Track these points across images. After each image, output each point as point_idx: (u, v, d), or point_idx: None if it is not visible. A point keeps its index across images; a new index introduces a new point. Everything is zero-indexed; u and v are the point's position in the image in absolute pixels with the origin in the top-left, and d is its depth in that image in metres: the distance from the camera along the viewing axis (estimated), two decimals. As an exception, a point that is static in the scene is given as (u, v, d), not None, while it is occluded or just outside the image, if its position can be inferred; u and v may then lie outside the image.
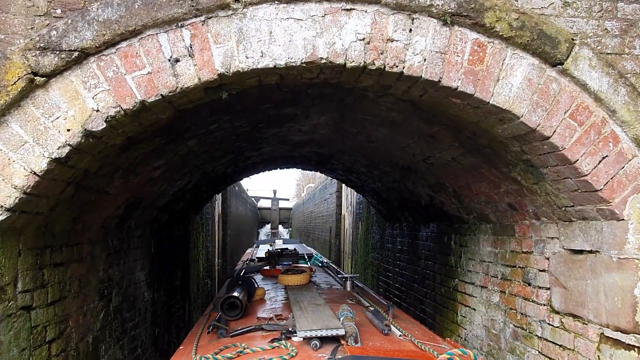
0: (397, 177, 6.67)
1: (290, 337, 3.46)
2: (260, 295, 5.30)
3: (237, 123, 4.70)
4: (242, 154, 6.70)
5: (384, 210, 9.30)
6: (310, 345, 3.25)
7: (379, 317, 4.13)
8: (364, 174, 7.89)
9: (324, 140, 6.29)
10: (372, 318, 4.15)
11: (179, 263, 8.26)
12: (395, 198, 7.78)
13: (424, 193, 6.36)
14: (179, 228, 8.19)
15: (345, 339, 3.33)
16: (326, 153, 7.26)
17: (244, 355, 3.17)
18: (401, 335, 3.75)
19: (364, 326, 3.86)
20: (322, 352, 3.15)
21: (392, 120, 4.53)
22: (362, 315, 4.26)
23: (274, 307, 4.81)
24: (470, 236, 5.55)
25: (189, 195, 7.23)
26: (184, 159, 5.05)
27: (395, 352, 3.28)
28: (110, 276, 4.78)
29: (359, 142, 5.90)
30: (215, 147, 5.39)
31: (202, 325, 4.20)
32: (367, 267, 11.89)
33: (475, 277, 5.38)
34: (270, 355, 3.09)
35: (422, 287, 7.33)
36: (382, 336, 3.67)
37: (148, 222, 6.11)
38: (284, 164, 8.71)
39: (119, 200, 4.53)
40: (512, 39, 3.10)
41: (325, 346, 3.24)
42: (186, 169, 5.61)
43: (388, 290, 9.61)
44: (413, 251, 7.89)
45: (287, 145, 6.74)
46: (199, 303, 10.54)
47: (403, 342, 3.56)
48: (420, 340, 3.54)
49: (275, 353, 3.13)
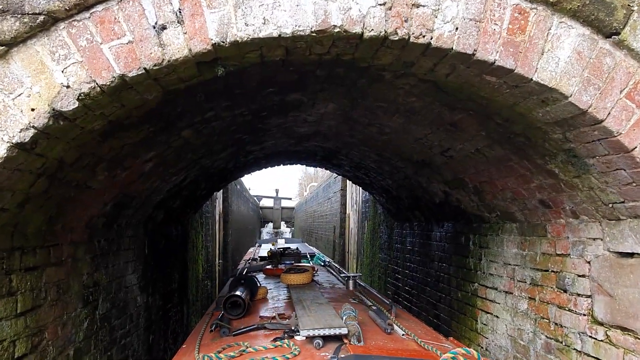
0: (410, 172, 6.20)
1: (293, 336, 3.43)
2: (263, 294, 5.25)
3: (236, 111, 4.23)
4: (243, 148, 6.24)
5: (393, 209, 8.83)
6: (313, 344, 3.22)
7: (382, 316, 4.06)
8: (373, 170, 7.42)
9: (331, 132, 5.82)
10: (374, 317, 4.08)
11: (176, 264, 7.81)
12: (406, 196, 7.31)
13: (439, 190, 5.89)
14: (177, 227, 7.73)
15: (348, 338, 3.31)
16: (333, 147, 6.79)
17: (247, 354, 3.14)
18: (404, 334, 3.70)
19: (367, 325, 3.83)
20: (325, 351, 3.12)
21: (409, 108, 4.06)
22: (365, 314, 4.22)
23: (276, 306, 4.78)
24: (492, 237, 5.08)
25: (186, 193, 6.78)
26: (178, 151, 4.59)
27: (398, 351, 3.24)
28: (96, 280, 4.33)
29: (369, 135, 5.43)
30: (213, 139, 4.93)
31: (205, 323, 4.16)
32: (373, 268, 11.41)
33: (498, 281, 4.90)
34: (273, 354, 3.07)
35: (436, 291, 6.86)
36: (384, 335, 3.63)
37: (141, 221, 5.66)
38: (288, 159, 8.24)
39: (105, 197, 4.07)
40: (559, 4, 2.62)
41: (328, 345, 3.21)
42: (182, 164, 5.15)
43: (397, 292, 9.13)
44: (425, 252, 7.42)
45: (291, 139, 6.27)
46: (198, 306, 10.09)
47: (406, 341, 3.50)
48: (423, 339, 3.48)
49: (278, 352, 3.11)
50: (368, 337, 3.46)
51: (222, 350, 3.22)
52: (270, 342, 3.32)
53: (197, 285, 10.01)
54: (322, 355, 3.07)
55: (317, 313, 3.85)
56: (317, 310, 3.97)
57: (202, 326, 4.10)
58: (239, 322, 4.10)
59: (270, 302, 5.02)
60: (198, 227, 9.88)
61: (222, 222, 15.08)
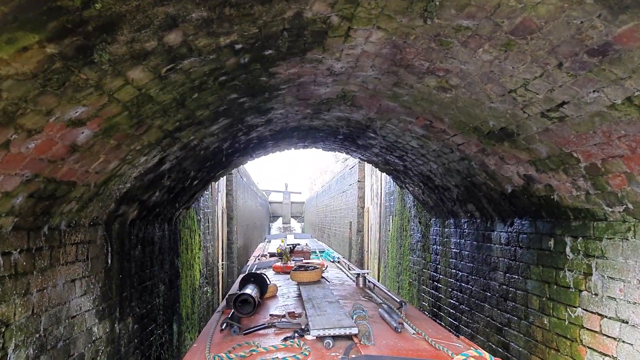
0: (472, 151, 4.49)
1: (303, 335, 3.43)
2: (273, 292, 5.24)
3: (223, 39, 2.55)
4: (242, 120, 4.57)
5: (431, 201, 7.12)
6: (323, 343, 3.22)
7: (392, 315, 4.00)
8: (412, 152, 5.71)
9: (363, 94, 4.13)
10: (385, 315, 4.02)
11: (161, 274, 6.17)
12: (457, 184, 5.59)
13: (515, 174, 4.18)
14: (161, 227, 6.10)
15: (358, 337, 3.29)
16: (362, 120, 5.09)
17: (257, 354, 3.13)
18: (414, 333, 3.63)
19: (377, 324, 3.83)
20: (335, 351, 3.12)
21: (519, 25, 2.36)
22: (375, 313, 4.20)
23: (286, 304, 4.77)
24: (612, 241, 3.38)
25: (168, 182, 5.12)
26: (133, 111, 2.92)
27: (409, 351, 3.18)
28: (4, 319, 2.69)
29: (423, 93, 3.73)
30: (191, 96, 3.26)
31: (216, 322, 4.16)
32: (401, 272, 9.70)
33: (627, 310, 3.20)
34: (283, 353, 3.07)
35: (501, 311, 5.16)
36: (395, 334, 3.59)
37: (100, 220, 4.02)
38: (301, 140, 6.54)
39: (3, 183, 2.42)
40: None
41: (338, 344, 3.22)
42: (148, 135, 3.49)
43: (437, 305, 7.44)
44: (482, 258, 5.71)
45: (307, 107, 4.59)
46: (194, 319, 8.46)
47: (416, 341, 3.44)
48: (434, 338, 3.41)
49: (289, 351, 3.11)
50: (378, 336, 3.43)
51: (232, 350, 3.24)
52: (280, 342, 3.32)
53: (194, 294, 8.38)
54: (332, 356, 3.06)
55: (327, 312, 3.86)
56: (327, 308, 3.98)
57: (212, 324, 4.11)
58: (249, 320, 4.12)
59: (280, 300, 5.04)
60: (193, 225, 8.25)
61: (225, 218, 13.45)
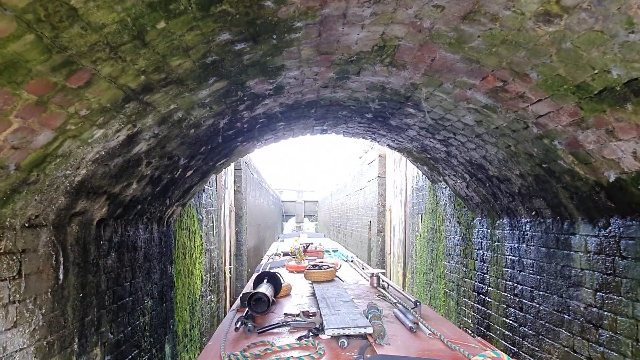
0: (560, 124, 3.23)
1: (317, 334, 3.40)
2: (287, 291, 5.25)
3: None
4: (243, 84, 3.36)
5: (477, 197, 5.85)
6: (338, 343, 3.20)
7: (407, 315, 3.94)
8: (462, 132, 4.45)
9: (411, 43, 2.90)
10: (399, 315, 4.00)
11: (148, 286, 5.01)
12: (523, 173, 4.33)
13: (629, 153, 2.93)
14: (148, 228, 4.93)
15: (373, 337, 3.26)
16: (401, 88, 3.86)
17: (272, 352, 3.12)
18: (430, 333, 3.53)
19: (392, 323, 3.80)
20: (350, 351, 3.11)
21: None
22: (389, 312, 4.20)
23: (300, 303, 4.73)
24: None
25: (150, 171, 3.95)
26: (35, 27, 1.74)
27: (425, 351, 3.13)
28: None
29: (510, 26, 2.50)
30: (149, 17, 2.07)
31: (230, 320, 4.17)
32: (433, 280, 8.43)
33: None
34: (298, 352, 3.07)
35: (590, 342, 3.89)
36: (410, 334, 3.53)
37: (44, 220, 2.85)
38: (319, 121, 5.31)
39: None
40: None
41: (353, 344, 3.21)
42: (98, 94, 2.30)
43: (484, 324, 6.17)
44: (555, 269, 4.44)
45: (330, 68, 3.37)
46: (194, 335, 7.28)
47: (432, 341, 3.36)
48: (450, 339, 3.32)
49: (303, 350, 3.12)
50: (393, 336, 3.40)
51: (247, 348, 3.23)
52: (295, 340, 3.31)
53: (194, 306, 7.21)
54: (347, 355, 3.05)
55: (341, 311, 3.84)
56: (342, 308, 3.97)
57: (227, 323, 4.11)
58: (263, 318, 4.11)
59: (294, 299, 5.04)
60: (193, 225, 7.08)
61: (234, 217, 12.29)
